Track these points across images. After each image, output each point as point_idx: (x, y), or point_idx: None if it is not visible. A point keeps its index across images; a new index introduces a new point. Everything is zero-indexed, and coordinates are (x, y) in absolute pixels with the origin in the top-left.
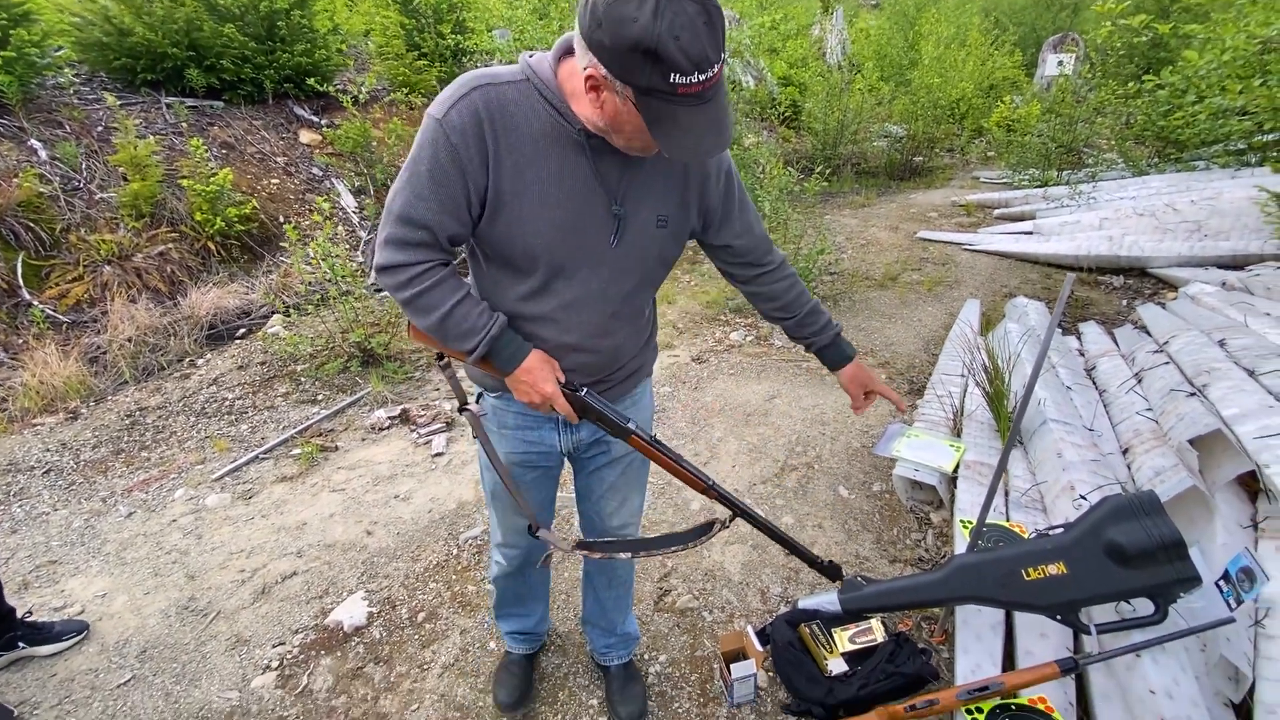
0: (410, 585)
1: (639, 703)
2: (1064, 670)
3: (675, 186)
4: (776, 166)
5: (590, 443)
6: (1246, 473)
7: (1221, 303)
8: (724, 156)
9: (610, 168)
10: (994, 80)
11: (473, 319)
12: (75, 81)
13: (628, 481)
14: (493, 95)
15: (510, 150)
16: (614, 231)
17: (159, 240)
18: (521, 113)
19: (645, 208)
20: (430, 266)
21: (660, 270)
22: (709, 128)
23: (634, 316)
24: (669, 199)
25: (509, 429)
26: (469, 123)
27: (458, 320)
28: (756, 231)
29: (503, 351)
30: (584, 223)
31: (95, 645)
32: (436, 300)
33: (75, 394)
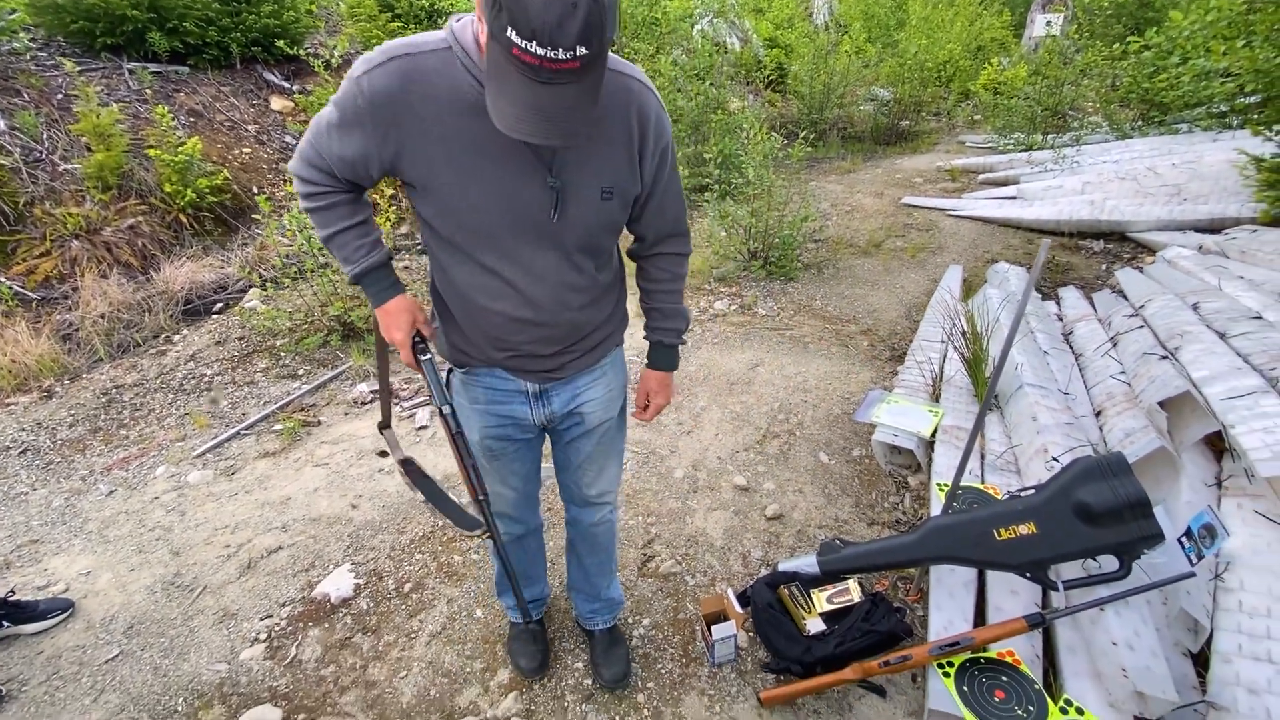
0: (396, 557)
1: (622, 665)
2: (1031, 625)
3: (618, 154)
4: (761, 132)
5: (564, 414)
6: (1213, 433)
7: (1197, 266)
8: (666, 131)
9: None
10: (982, 41)
11: (349, 250)
12: (31, 47)
13: (604, 451)
14: (410, 66)
15: (433, 122)
16: (553, 205)
17: (128, 213)
18: (443, 83)
19: (586, 179)
20: (329, 189)
21: (610, 238)
22: (538, 112)
23: (590, 288)
24: (613, 168)
25: (480, 404)
26: (380, 92)
27: (339, 245)
28: (668, 215)
29: (369, 287)
30: (519, 197)
31: (81, 622)
32: (325, 220)
33: (49, 372)
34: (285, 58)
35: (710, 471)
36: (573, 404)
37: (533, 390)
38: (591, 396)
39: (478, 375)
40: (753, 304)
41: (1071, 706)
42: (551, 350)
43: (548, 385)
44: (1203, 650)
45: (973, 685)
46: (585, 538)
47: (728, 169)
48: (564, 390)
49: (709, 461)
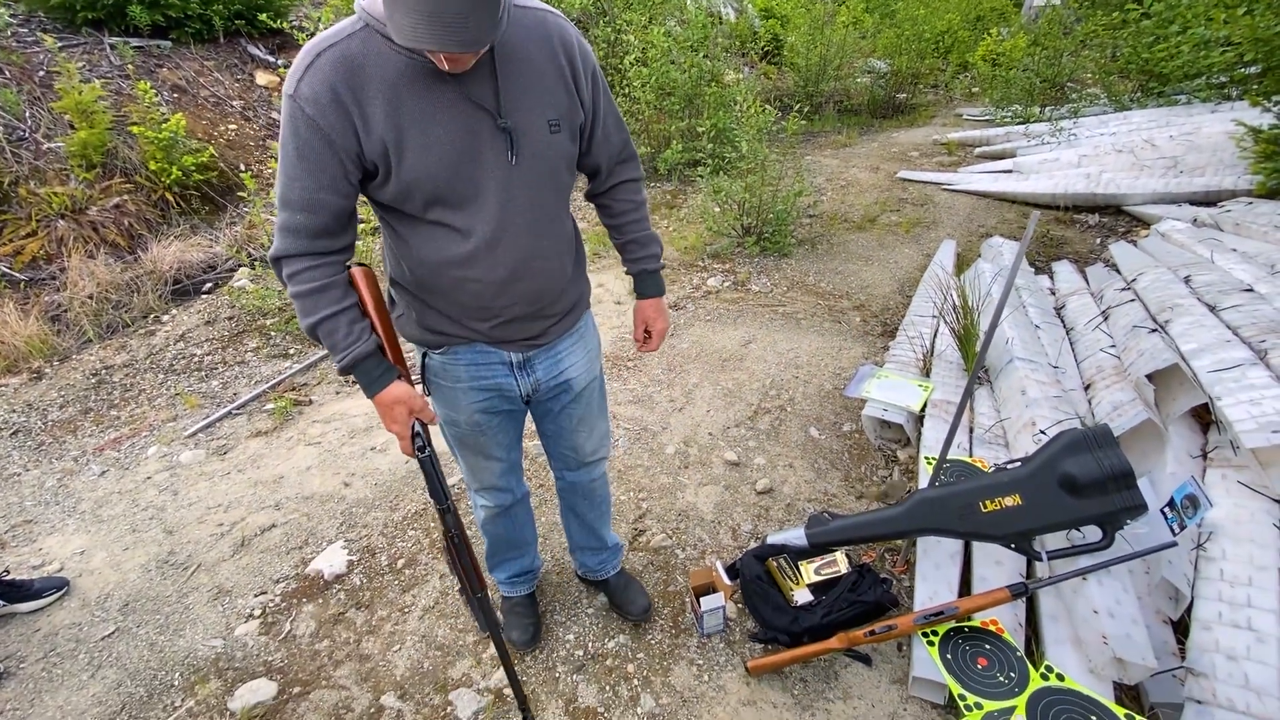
0: (389, 534)
1: (645, 596)
2: (1014, 595)
3: (554, 85)
4: (755, 105)
5: (551, 385)
6: (1200, 405)
7: (1191, 239)
8: (588, 55)
9: (480, 83)
10: (981, 11)
11: (338, 337)
12: (11, 23)
13: (593, 412)
14: (336, 55)
15: (375, 102)
16: (509, 148)
17: (113, 192)
18: (371, 61)
19: (531, 116)
20: (314, 265)
21: (568, 176)
22: (432, 18)
23: (559, 234)
24: (553, 100)
25: (463, 382)
26: (321, 91)
27: (328, 332)
28: (615, 139)
29: (362, 377)
30: (474, 148)
31: (76, 601)
32: (311, 307)
33: (38, 354)
34: (269, 31)
35: (701, 447)
36: (556, 372)
37: (516, 361)
38: (573, 361)
39: (457, 353)
40: (746, 280)
41: (1052, 673)
42: (530, 311)
43: (530, 354)
44: (1183, 618)
45: (956, 653)
46: (585, 495)
47: (721, 143)
48: (546, 358)
49: (700, 437)
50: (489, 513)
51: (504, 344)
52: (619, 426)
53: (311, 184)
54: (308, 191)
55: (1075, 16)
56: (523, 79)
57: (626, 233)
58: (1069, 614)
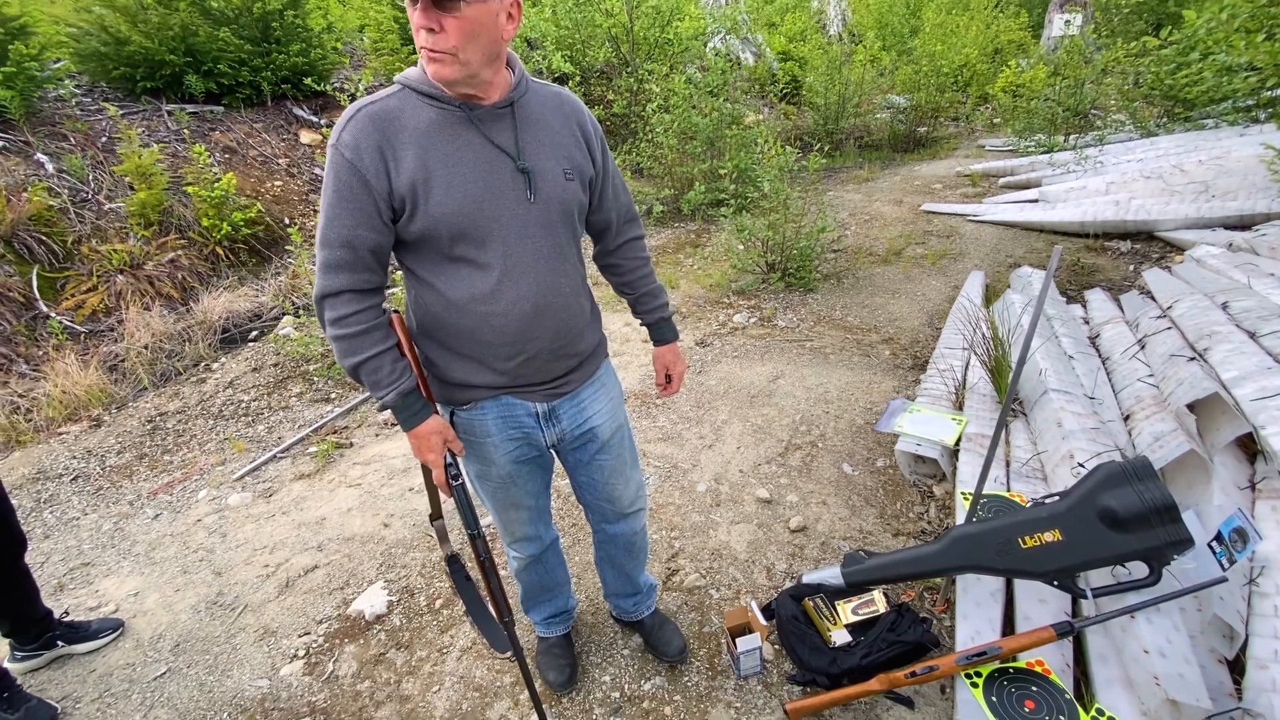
0: (427, 574)
1: (680, 637)
2: (1059, 634)
3: (566, 139)
4: (775, 145)
5: (576, 435)
6: (1245, 434)
7: (1226, 265)
8: (596, 126)
9: (501, 132)
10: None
11: (381, 374)
12: (76, 93)
13: (623, 459)
14: (376, 109)
15: (407, 147)
16: (527, 186)
17: (168, 248)
18: (406, 114)
19: (548, 160)
20: (357, 310)
21: (580, 222)
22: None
23: (575, 272)
24: (566, 151)
25: (492, 435)
26: (360, 137)
27: (370, 370)
28: (621, 200)
29: (402, 413)
30: (496, 187)
31: (130, 641)
32: (355, 348)
33: (97, 402)
34: (313, 93)
35: (733, 485)
36: (580, 420)
37: (541, 411)
38: (597, 409)
39: (484, 408)
40: (772, 316)
41: (1104, 716)
42: (553, 347)
43: (555, 403)
44: (1238, 657)
45: (1001, 695)
46: (625, 547)
47: (743, 183)
48: (569, 407)
49: (731, 475)
50: (521, 563)
51: (528, 392)
52: (649, 465)
53: (350, 221)
54: (346, 229)
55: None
56: (540, 134)
57: (639, 287)
58: (1118, 654)
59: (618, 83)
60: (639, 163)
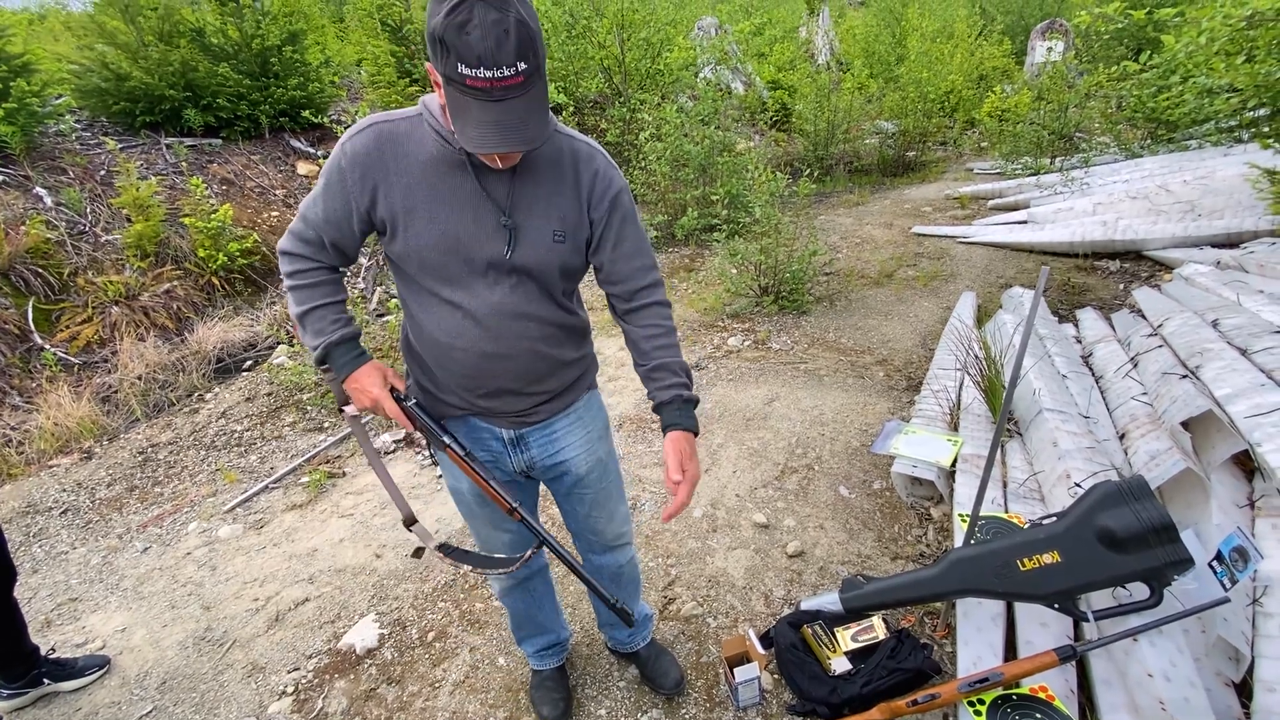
0: (420, 606)
1: (677, 669)
2: (1062, 658)
3: (567, 201)
4: (766, 172)
5: (548, 465)
6: (1241, 452)
7: (1215, 282)
8: (615, 182)
9: (496, 184)
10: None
11: (324, 323)
12: (76, 128)
13: (607, 494)
14: (385, 130)
15: (400, 174)
16: (507, 243)
17: (164, 279)
18: (412, 142)
19: (536, 220)
20: (313, 267)
21: (566, 282)
22: (496, 126)
23: (548, 320)
24: (561, 213)
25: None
26: (360, 151)
27: (311, 321)
28: (633, 263)
29: (340, 358)
30: (474, 234)
31: (117, 679)
32: (303, 298)
33: (89, 434)
34: (310, 125)
35: (729, 510)
36: (552, 451)
37: (508, 437)
38: (570, 442)
39: (453, 426)
40: (766, 339)
41: None
42: (515, 387)
43: (523, 431)
44: (1245, 679)
45: None
46: (613, 579)
47: (735, 208)
48: (540, 436)
49: (727, 499)
50: (502, 585)
51: (495, 418)
52: (645, 490)
53: (323, 213)
54: (319, 217)
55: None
56: (539, 190)
57: (655, 356)
58: (1123, 678)
59: (611, 112)
60: (632, 190)
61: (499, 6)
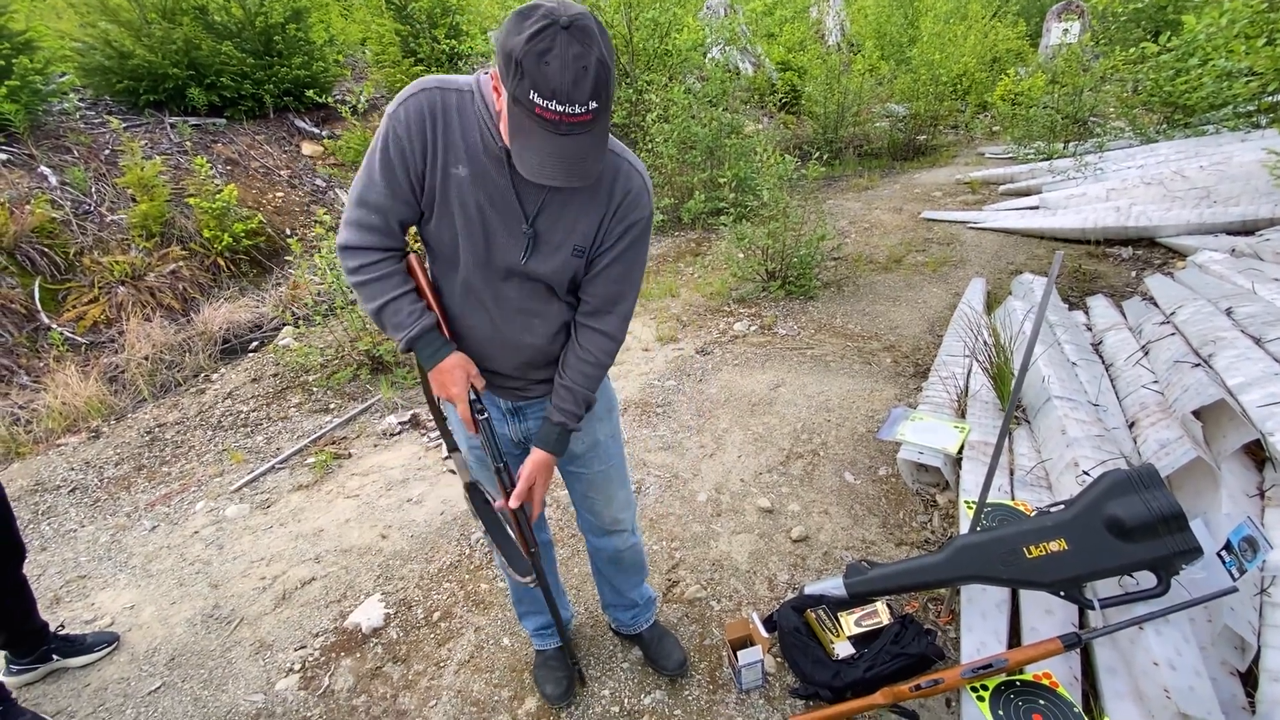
0: (425, 586)
1: (680, 651)
2: (1066, 645)
3: (593, 220)
4: (775, 154)
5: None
6: (1253, 441)
7: (1230, 270)
8: (644, 208)
9: (529, 190)
10: (997, 53)
11: (402, 316)
12: (80, 106)
13: (606, 478)
14: (438, 99)
15: (444, 150)
16: (524, 249)
17: (170, 259)
18: (461, 120)
19: (559, 234)
20: (380, 259)
21: (574, 287)
22: (558, 159)
23: (554, 318)
24: (584, 231)
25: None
26: (413, 117)
27: (390, 314)
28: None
29: (423, 350)
30: (495, 231)
31: (126, 655)
32: (377, 292)
33: (96, 413)
34: (315, 105)
35: (733, 494)
36: None
37: (506, 407)
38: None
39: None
40: (772, 324)
41: None
42: (519, 373)
43: (521, 404)
44: (1251, 668)
45: (1009, 709)
46: (612, 563)
47: (743, 192)
48: (538, 410)
49: (732, 484)
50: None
51: (495, 390)
52: (650, 474)
53: (386, 190)
54: (383, 197)
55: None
56: (569, 205)
57: (568, 375)
58: (1128, 666)
59: (617, 93)
60: None
61: (583, 41)
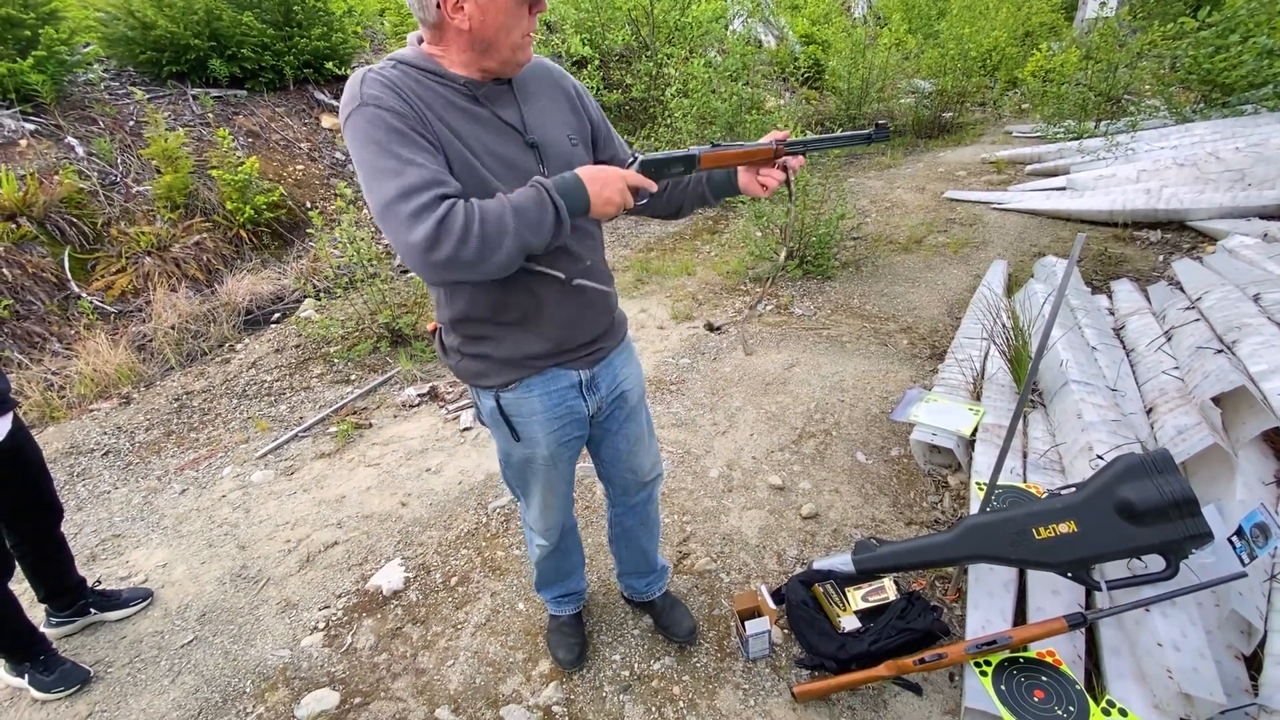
0: (443, 552)
1: (690, 619)
2: (1071, 625)
3: (564, 109)
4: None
5: (611, 400)
6: (1272, 429)
7: (1260, 255)
8: (580, 86)
9: (506, 107)
10: (1030, 26)
11: (529, 196)
12: (105, 77)
13: (645, 428)
14: (382, 77)
15: (426, 109)
16: (538, 160)
17: (194, 230)
18: (416, 88)
19: (553, 131)
20: (456, 203)
21: None
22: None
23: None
24: (564, 117)
25: (538, 414)
26: (385, 91)
27: (523, 209)
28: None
29: (567, 189)
30: (510, 160)
31: (159, 610)
32: (496, 214)
33: (126, 380)
34: (334, 77)
35: (745, 471)
36: (615, 385)
37: (585, 379)
38: (628, 374)
39: (530, 385)
40: (789, 304)
41: (1114, 708)
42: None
43: (594, 369)
44: (1256, 652)
45: (1011, 684)
46: (641, 518)
47: None
48: (605, 374)
49: (744, 461)
50: (544, 550)
51: (572, 359)
52: (664, 450)
53: (422, 159)
54: (424, 167)
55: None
56: (541, 104)
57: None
58: (1132, 647)
59: (637, 66)
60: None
61: None
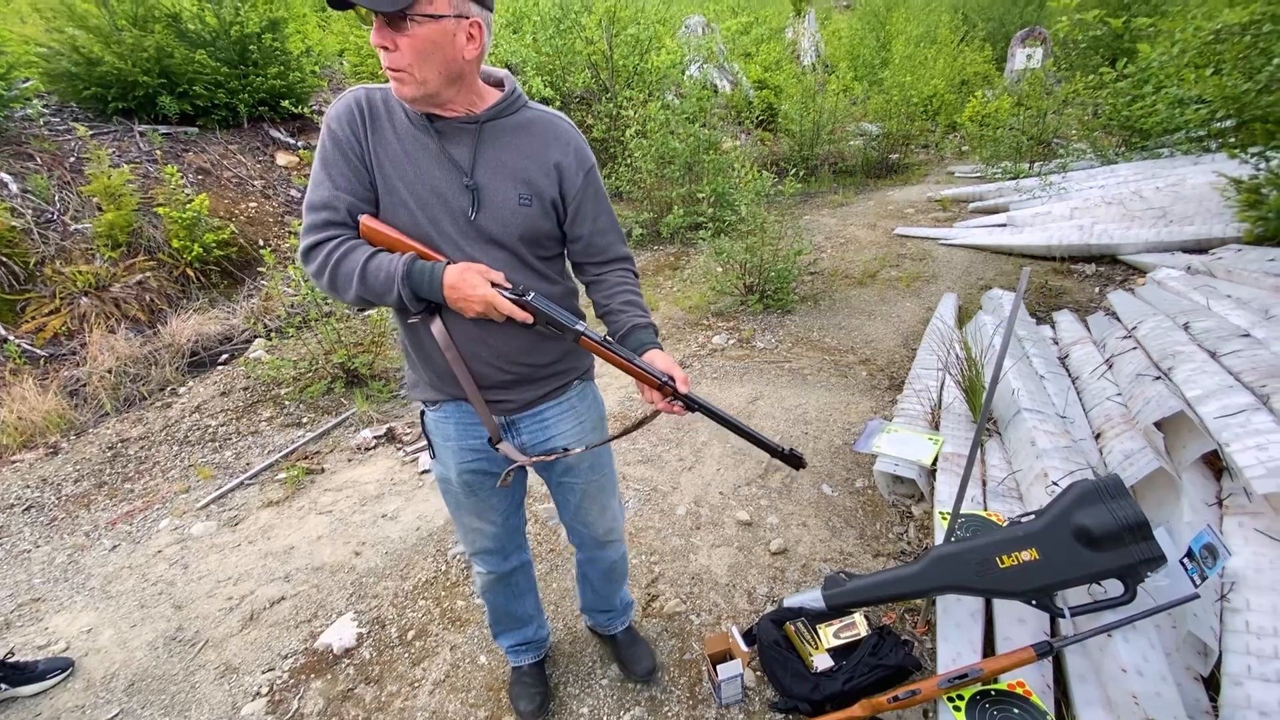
0: (399, 604)
1: (650, 658)
2: (1039, 654)
3: (532, 166)
4: (752, 171)
5: (541, 451)
6: (1211, 451)
7: (1186, 287)
8: (585, 155)
9: (459, 147)
10: (965, 76)
11: (384, 267)
12: (45, 112)
13: (600, 488)
14: (363, 95)
15: (377, 134)
16: (471, 204)
17: (136, 269)
18: (388, 109)
19: (501, 183)
20: (337, 238)
21: (536, 248)
22: None
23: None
24: (527, 176)
25: (451, 440)
26: (343, 113)
27: (373, 274)
28: (609, 237)
29: (421, 281)
30: (439, 194)
31: (81, 682)
32: (350, 266)
33: (55, 428)
34: (291, 115)
35: (713, 507)
36: (543, 439)
37: (503, 421)
38: (562, 430)
39: (446, 410)
40: (751, 337)
41: None
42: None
43: (514, 417)
44: (1214, 673)
45: (984, 718)
46: (604, 573)
47: (721, 207)
48: (531, 423)
49: (711, 497)
50: (484, 579)
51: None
52: (629, 488)
53: (330, 185)
54: (328, 190)
55: (1055, 78)
56: (504, 155)
57: (621, 297)
58: (1097, 673)
59: (597, 108)
60: (618, 187)
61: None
